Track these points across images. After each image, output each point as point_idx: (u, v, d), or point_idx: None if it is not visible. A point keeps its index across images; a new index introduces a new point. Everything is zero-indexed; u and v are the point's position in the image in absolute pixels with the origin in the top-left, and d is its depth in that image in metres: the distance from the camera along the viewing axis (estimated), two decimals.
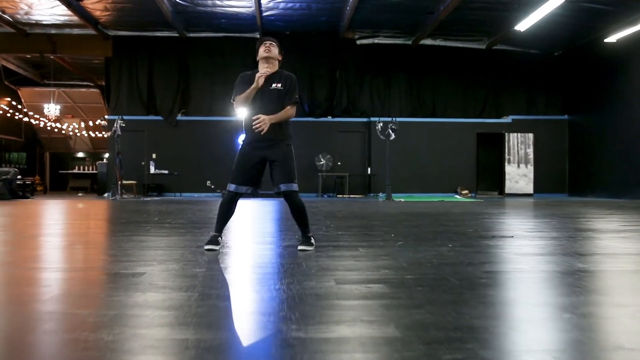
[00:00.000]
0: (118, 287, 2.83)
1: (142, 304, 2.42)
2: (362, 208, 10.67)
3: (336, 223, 6.85)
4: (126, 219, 7.68)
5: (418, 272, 3.23)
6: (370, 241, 4.85)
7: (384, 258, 3.81)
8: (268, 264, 3.67)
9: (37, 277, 3.21)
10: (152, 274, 3.14)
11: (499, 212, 9.50)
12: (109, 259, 3.90)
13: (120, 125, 14.91)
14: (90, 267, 3.59)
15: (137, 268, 3.33)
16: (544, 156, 18.10)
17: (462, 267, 3.47)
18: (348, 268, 3.40)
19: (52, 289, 2.80)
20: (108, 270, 3.36)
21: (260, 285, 2.95)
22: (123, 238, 5.08)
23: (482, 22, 16.12)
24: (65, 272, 3.42)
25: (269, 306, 2.43)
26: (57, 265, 3.75)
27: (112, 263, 3.66)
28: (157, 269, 3.29)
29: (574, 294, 2.69)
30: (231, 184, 4.23)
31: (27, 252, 4.32)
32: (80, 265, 3.73)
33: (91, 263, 3.80)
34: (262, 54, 4.23)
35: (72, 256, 4.17)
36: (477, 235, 5.43)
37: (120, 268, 3.36)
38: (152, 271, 3.22)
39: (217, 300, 2.48)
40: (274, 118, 4.09)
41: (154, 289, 2.74)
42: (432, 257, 3.85)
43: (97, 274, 3.29)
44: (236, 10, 15.47)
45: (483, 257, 3.93)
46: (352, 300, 2.51)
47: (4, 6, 15.10)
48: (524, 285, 3.03)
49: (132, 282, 2.90)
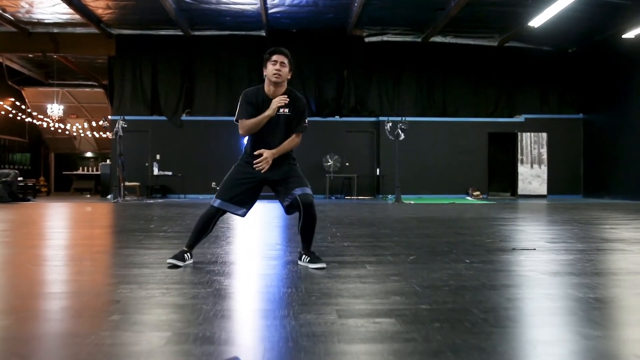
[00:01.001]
0: (81, 322, 2.41)
1: (108, 349, 2.00)
2: (370, 212, 10.23)
3: (342, 231, 6.42)
4: (121, 226, 7.30)
5: (434, 300, 2.79)
6: (379, 255, 4.41)
7: (395, 279, 3.38)
8: (263, 288, 3.24)
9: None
10: (127, 302, 2.73)
11: (515, 217, 9.04)
12: (85, 280, 3.49)
13: (122, 126, 14.54)
14: (59, 293, 3.17)
15: (112, 295, 2.92)
16: (558, 156, 17.57)
17: (484, 292, 3.03)
18: (353, 294, 2.96)
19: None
20: (77, 298, 2.94)
21: (250, 321, 2.53)
22: (110, 251, 4.68)
23: (494, 18, 15.62)
24: (22, 299, 3.01)
25: (254, 354, 2.00)
26: (16, 290, 3.35)
27: (86, 286, 3.25)
28: (135, 296, 2.87)
29: (614, 327, 2.24)
30: (217, 199, 3.84)
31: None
32: (45, 291, 3.31)
33: (62, 286, 3.38)
34: (271, 77, 3.75)
35: (40, 277, 3.77)
36: (496, 247, 4.98)
37: (92, 295, 2.94)
38: (128, 299, 2.80)
39: (192, 345, 2.06)
40: (277, 152, 3.76)
41: (125, 325, 2.33)
42: (449, 278, 3.41)
43: (61, 303, 2.87)
44: (241, 7, 15.08)
45: (505, 278, 3.49)
46: (356, 343, 2.08)
47: (4, 5, 14.79)
48: (559, 318, 2.57)
49: (101, 315, 2.49)
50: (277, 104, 3.68)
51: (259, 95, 3.80)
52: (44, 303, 2.87)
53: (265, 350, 2.02)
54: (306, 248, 3.91)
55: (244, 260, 4.41)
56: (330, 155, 16.68)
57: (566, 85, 18.16)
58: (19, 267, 4.04)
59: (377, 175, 17.31)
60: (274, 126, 3.78)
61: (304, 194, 3.77)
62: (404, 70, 17.88)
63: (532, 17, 14.52)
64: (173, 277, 3.44)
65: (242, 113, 3.79)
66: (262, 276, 3.57)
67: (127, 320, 2.41)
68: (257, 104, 3.77)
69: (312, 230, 3.88)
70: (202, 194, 16.89)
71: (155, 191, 16.95)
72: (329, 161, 16.68)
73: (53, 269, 3.95)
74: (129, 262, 4.07)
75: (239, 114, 3.80)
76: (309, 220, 3.80)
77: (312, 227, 3.84)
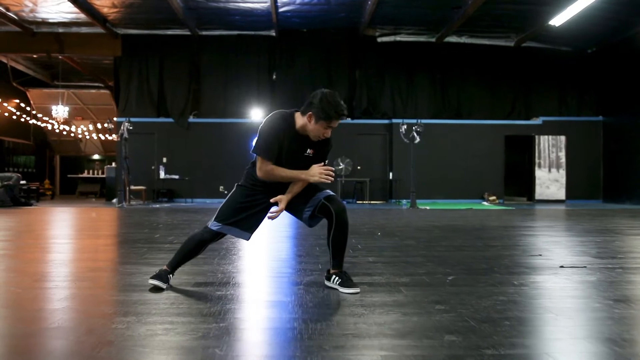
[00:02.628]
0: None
1: None
2: (387, 219, 9.70)
3: (363, 242, 5.90)
4: (124, 235, 6.81)
5: (498, 342, 2.27)
6: (412, 275, 3.89)
7: (440, 308, 2.86)
8: (286, 322, 2.71)
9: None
10: (120, 345, 2.22)
11: (543, 226, 8.49)
12: (77, 309, 2.99)
13: (127, 128, 14.08)
14: (44, 330, 2.66)
15: (106, 332, 2.41)
16: (577, 160, 16.98)
17: (555, 326, 2.51)
18: (396, 331, 2.44)
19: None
20: (64, 336, 2.43)
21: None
22: (109, 267, 4.18)
23: (511, 18, 15.06)
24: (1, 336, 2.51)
25: None
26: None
27: (77, 319, 2.75)
28: (132, 334, 2.37)
29: None
30: (217, 222, 3.35)
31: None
32: (30, 327, 2.81)
33: (50, 318, 2.87)
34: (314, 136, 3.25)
35: (28, 305, 3.27)
36: (539, 264, 4.44)
37: (82, 332, 2.44)
38: (122, 338, 2.30)
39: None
40: (292, 196, 3.30)
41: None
42: (503, 306, 2.90)
43: (45, 343, 2.36)
44: (251, 6, 14.60)
45: (574, 306, 2.96)
46: None
47: (8, 3, 14.38)
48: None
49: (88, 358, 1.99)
50: (319, 177, 3.18)
51: (287, 127, 3.23)
52: (27, 341, 2.36)
53: None
54: (337, 266, 3.39)
55: (260, 282, 3.89)
56: (341, 159, 16.16)
57: (585, 87, 17.56)
58: (5, 290, 3.55)
59: (390, 179, 16.77)
60: (293, 167, 3.27)
61: (330, 197, 3.31)
62: (418, 71, 17.33)
63: (552, 16, 13.99)
64: (179, 305, 2.93)
65: (266, 151, 3.18)
66: (283, 304, 3.04)
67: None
68: (285, 138, 3.23)
69: (345, 241, 3.37)
70: (210, 198, 16.45)
71: (161, 195, 16.48)
72: (340, 165, 16.15)
73: (45, 292, 3.44)
74: (129, 283, 3.56)
75: (264, 151, 3.18)
76: (342, 228, 3.30)
77: (345, 237, 3.34)
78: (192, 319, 2.64)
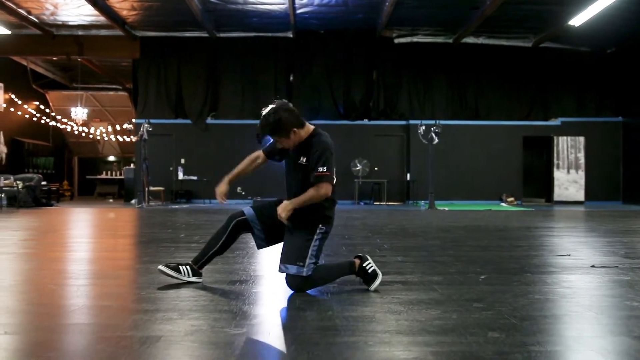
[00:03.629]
0: None
1: None
2: (407, 220, 9.69)
3: (388, 242, 5.91)
4: (148, 235, 6.86)
5: (541, 338, 2.28)
6: (443, 274, 3.90)
7: (478, 305, 2.86)
8: (322, 321, 2.72)
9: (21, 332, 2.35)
10: (169, 339, 2.26)
11: (566, 227, 8.44)
12: (117, 305, 3.03)
13: (147, 129, 14.19)
14: (88, 325, 2.70)
15: (151, 326, 2.45)
16: (596, 161, 16.83)
17: (594, 323, 2.50)
18: (438, 328, 2.45)
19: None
20: (109, 332, 2.47)
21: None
22: (140, 267, 4.23)
23: (530, 18, 14.96)
24: (44, 332, 2.55)
25: None
26: (38, 319, 2.90)
27: (119, 315, 2.79)
28: (177, 329, 2.40)
29: None
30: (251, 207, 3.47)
31: (20, 292, 3.49)
32: (75, 321, 2.85)
33: (91, 316, 2.91)
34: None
35: (65, 302, 3.32)
36: (569, 264, 4.42)
37: (127, 327, 2.47)
38: (170, 334, 2.33)
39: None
40: (295, 204, 3.22)
41: None
42: (540, 304, 2.90)
43: (92, 339, 2.40)
44: (268, 8, 14.65)
45: (606, 305, 2.95)
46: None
47: (29, 7, 14.55)
48: None
49: (139, 356, 2.02)
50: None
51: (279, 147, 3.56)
52: (74, 339, 2.40)
53: None
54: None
55: None
56: (358, 160, 16.16)
57: (605, 87, 17.41)
58: (40, 286, 3.61)
59: (407, 180, 16.74)
60: (295, 176, 3.39)
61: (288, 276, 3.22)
62: (435, 72, 17.28)
63: (571, 16, 13.90)
64: (218, 301, 2.96)
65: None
66: (320, 302, 3.07)
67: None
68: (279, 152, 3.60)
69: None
70: (228, 199, 16.46)
71: (179, 196, 16.58)
72: (357, 166, 16.16)
73: (81, 289, 3.48)
74: (164, 280, 3.59)
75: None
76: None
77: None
78: (232, 314, 2.67)
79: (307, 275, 3.15)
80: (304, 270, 3.14)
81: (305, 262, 3.15)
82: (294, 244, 3.22)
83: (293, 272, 3.15)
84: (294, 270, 3.15)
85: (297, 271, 3.14)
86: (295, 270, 3.14)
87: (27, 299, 3.20)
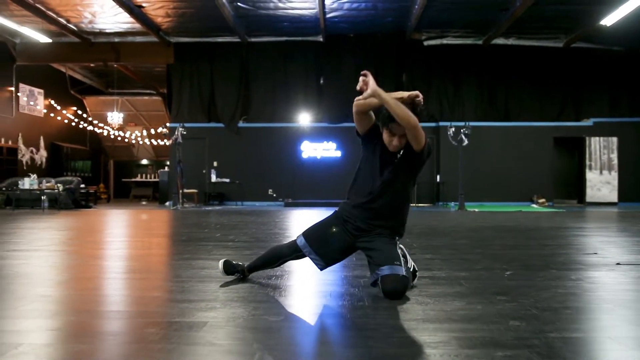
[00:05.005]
0: (170, 348, 2.16)
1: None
2: (437, 220, 9.81)
3: (418, 242, 6.07)
4: (187, 234, 7.14)
5: (560, 326, 2.43)
6: (470, 269, 4.05)
7: (502, 298, 3.02)
8: (353, 310, 2.92)
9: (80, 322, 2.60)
10: (214, 324, 2.47)
11: (595, 227, 8.45)
12: (164, 297, 3.27)
13: (181, 133, 14.58)
14: (140, 312, 2.94)
15: (197, 314, 2.67)
16: (630, 162, 16.63)
17: (612, 315, 2.64)
18: (462, 317, 2.62)
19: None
20: (160, 318, 2.70)
21: (364, 348, 2.23)
22: (182, 263, 4.48)
23: (561, 18, 14.91)
24: (104, 319, 2.80)
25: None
26: (96, 307, 3.15)
27: (167, 305, 3.02)
28: (220, 316, 2.62)
29: None
30: (302, 236, 3.32)
31: (74, 285, 3.77)
32: (128, 309, 3.10)
33: (142, 305, 3.15)
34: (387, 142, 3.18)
35: (109, 292, 3.58)
36: (595, 261, 4.52)
37: (175, 314, 2.70)
38: (214, 320, 2.55)
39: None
40: (384, 96, 2.95)
41: (217, 353, 2.08)
42: (562, 298, 3.03)
43: (145, 323, 2.63)
44: (299, 12, 14.91)
45: (627, 299, 3.07)
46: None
47: (69, 15, 15.09)
48: None
49: (189, 340, 2.24)
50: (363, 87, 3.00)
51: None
52: (129, 323, 2.65)
53: None
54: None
55: (321, 274, 4.10)
56: None
57: (638, 87, 17.20)
58: (89, 280, 3.88)
59: (437, 182, 16.80)
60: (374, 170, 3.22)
61: (386, 277, 2.96)
62: (465, 74, 17.31)
63: (603, 15, 13.82)
64: (257, 293, 3.18)
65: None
66: (350, 295, 3.27)
67: (218, 346, 2.15)
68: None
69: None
70: (259, 201, 16.83)
71: (212, 198, 16.95)
72: None
73: (130, 282, 3.75)
74: (206, 275, 3.83)
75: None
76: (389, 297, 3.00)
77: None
78: (269, 304, 2.88)
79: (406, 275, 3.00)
80: (404, 269, 2.99)
81: (401, 261, 3.03)
82: (386, 249, 3.08)
83: (403, 273, 2.96)
84: (402, 271, 2.97)
85: (404, 271, 2.98)
86: (404, 270, 2.98)
87: (77, 292, 3.45)
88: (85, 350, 2.13)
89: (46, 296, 3.17)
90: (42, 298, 3.10)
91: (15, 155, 17.20)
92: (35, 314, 2.72)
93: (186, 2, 14.18)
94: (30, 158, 18.09)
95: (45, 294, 3.22)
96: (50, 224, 8.97)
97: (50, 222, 9.39)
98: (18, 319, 2.63)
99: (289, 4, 14.28)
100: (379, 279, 2.98)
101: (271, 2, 14.19)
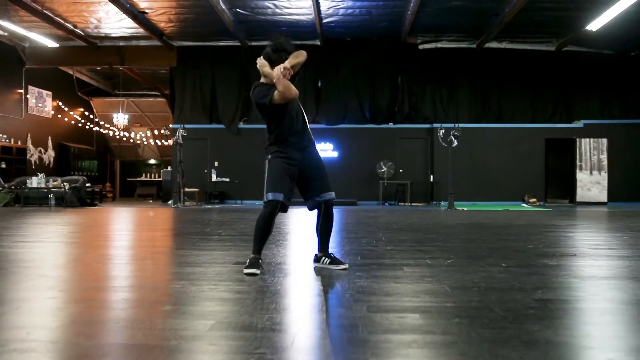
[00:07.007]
0: (138, 311, 2.72)
1: (159, 333, 2.30)
2: (421, 218, 10.34)
3: (388, 236, 6.60)
4: (179, 229, 7.72)
5: (460, 299, 2.97)
6: (418, 259, 4.59)
7: (428, 280, 3.56)
8: (303, 284, 3.48)
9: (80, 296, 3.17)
10: (178, 297, 3.04)
11: (567, 225, 8.95)
12: (144, 276, 3.83)
13: (182, 134, 15.18)
14: (121, 287, 3.51)
15: (166, 289, 3.24)
16: (620, 162, 17.07)
17: (512, 293, 3.17)
18: (386, 292, 3.18)
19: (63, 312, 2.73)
20: (137, 291, 3.28)
21: (287, 312, 2.78)
22: (168, 251, 5.04)
23: (550, 23, 15.39)
24: (89, 291, 3.37)
25: (286, 338, 2.25)
26: (84, 284, 3.73)
27: (145, 281, 3.59)
28: (185, 290, 3.19)
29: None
30: (278, 192, 3.87)
31: (74, 270, 4.34)
32: (109, 284, 3.67)
33: (124, 281, 3.73)
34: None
35: (104, 273, 4.15)
36: (537, 252, 5.06)
37: (149, 289, 3.27)
38: (179, 293, 3.11)
39: (234, 331, 2.33)
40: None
41: (175, 314, 2.64)
42: (481, 280, 3.57)
43: (122, 295, 3.20)
44: (296, 18, 15.47)
45: (538, 281, 3.60)
46: (377, 334, 2.30)
47: (75, 21, 15.72)
48: (581, 320, 2.71)
49: (155, 305, 2.80)
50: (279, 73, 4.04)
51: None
52: (107, 294, 3.22)
53: (296, 335, 2.27)
54: (325, 248, 4.07)
55: (290, 261, 4.66)
56: (384, 162, 16.82)
57: (628, 90, 17.64)
58: (86, 264, 4.45)
59: (431, 182, 17.31)
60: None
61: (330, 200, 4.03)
62: (459, 77, 17.81)
63: (590, 20, 14.26)
64: (222, 275, 3.74)
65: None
66: (299, 273, 3.82)
67: (177, 310, 2.71)
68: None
69: (330, 230, 4.08)
70: (259, 199, 17.37)
71: (213, 197, 17.55)
72: (382, 168, 16.82)
73: (117, 267, 4.33)
74: (183, 261, 4.41)
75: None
76: (327, 219, 4.01)
77: (330, 226, 4.06)
78: (231, 283, 3.44)
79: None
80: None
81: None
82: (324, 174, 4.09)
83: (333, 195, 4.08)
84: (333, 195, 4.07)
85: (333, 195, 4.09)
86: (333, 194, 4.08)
87: (78, 274, 4.03)
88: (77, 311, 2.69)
89: (43, 276, 3.75)
90: (40, 277, 3.68)
91: (24, 155, 17.88)
92: (34, 287, 3.29)
93: (188, 8, 14.77)
94: (39, 158, 18.78)
95: (43, 274, 3.80)
96: (56, 220, 9.58)
97: (56, 219, 10.00)
98: (20, 292, 3.21)
99: (286, 10, 14.84)
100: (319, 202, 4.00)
101: (269, 8, 14.76)
